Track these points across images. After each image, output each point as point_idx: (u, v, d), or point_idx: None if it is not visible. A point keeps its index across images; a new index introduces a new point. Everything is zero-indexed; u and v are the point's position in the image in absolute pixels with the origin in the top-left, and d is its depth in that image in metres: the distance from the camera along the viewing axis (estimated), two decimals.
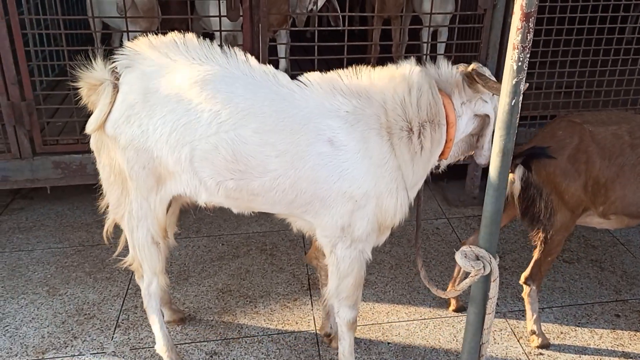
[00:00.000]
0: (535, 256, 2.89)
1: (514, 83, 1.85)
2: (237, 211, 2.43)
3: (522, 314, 3.21)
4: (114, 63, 2.25)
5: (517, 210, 2.88)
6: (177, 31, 2.29)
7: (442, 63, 2.38)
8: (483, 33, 4.01)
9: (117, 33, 5.08)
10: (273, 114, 2.16)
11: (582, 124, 2.77)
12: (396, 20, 5.16)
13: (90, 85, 2.26)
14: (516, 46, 1.80)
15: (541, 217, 2.79)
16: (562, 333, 3.11)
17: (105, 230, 2.63)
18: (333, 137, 2.17)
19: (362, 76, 2.31)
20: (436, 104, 2.30)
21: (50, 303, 3.24)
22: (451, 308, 3.26)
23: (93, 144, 2.41)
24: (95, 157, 2.45)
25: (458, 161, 2.67)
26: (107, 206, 2.56)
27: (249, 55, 2.27)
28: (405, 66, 2.34)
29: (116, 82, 2.23)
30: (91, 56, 2.26)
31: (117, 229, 2.64)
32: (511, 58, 1.82)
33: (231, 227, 4.06)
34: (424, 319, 3.19)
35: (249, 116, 2.14)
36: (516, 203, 2.86)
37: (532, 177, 2.76)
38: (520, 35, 1.78)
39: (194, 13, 4.60)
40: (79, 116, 3.83)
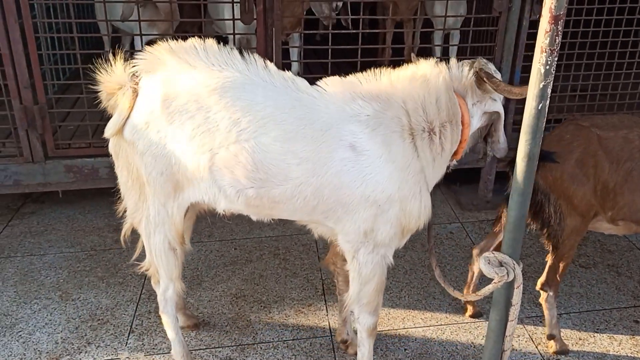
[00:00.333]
0: (549, 262, 2.85)
1: (542, 87, 1.82)
2: (257, 218, 2.40)
3: (540, 320, 3.17)
4: (134, 67, 2.22)
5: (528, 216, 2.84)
6: (190, 34, 2.26)
7: (454, 65, 2.37)
8: (498, 36, 3.98)
9: (127, 37, 5.07)
10: (294, 122, 2.13)
11: (590, 128, 2.73)
12: (409, 23, 5.14)
13: (109, 89, 2.24)
14: (544, 49, 1.77)
15: (552, 222, 2.75)
16: (581, 339, 3.07)
17: (122, 234, 2.61)
18: (355, 142, 2.14)
19: (382, 78, 2.29)
20: (454, 104, 2.28)
21: (63, 308, 3.22)
22: (468, 314, 3.22)
23: (111, 148, 2.40)
24: (113, 161, 2.43)
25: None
26: (125, 210, 2.54)
27: (268, 61, 2.24)
28: (424, 67, 2.32)
29: (136, 87, 2.21)
30: (106, 60, 2.24)
31: (134, 234, 2.61)
32: (539, 61, 1.79)
33: (243, 232, 4.03)
34: (441, 325, 3.16)
35: (270, 124, 2.12)
36: None
37: (539, 182, 2.70)
38: (548, 38, 1.75)
39: (207, 16, 4.58)
40: (91, 120, 3.82)
